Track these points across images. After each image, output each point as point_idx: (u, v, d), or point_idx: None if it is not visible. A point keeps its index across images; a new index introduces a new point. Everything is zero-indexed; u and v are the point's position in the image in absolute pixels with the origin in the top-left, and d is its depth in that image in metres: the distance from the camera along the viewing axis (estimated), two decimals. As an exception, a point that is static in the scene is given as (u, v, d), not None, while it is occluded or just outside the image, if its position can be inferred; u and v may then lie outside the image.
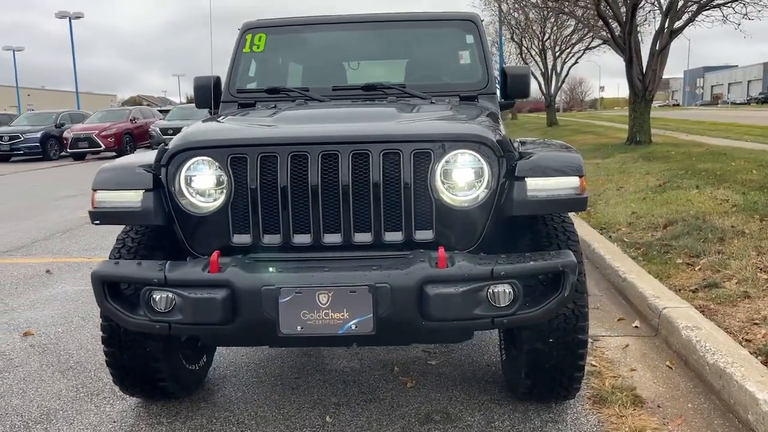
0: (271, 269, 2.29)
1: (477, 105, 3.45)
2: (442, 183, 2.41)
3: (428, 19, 3.98)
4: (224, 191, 2.43)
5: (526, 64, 31.73)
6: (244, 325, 2.26)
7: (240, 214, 2.44)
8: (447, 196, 2.41)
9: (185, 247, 2.51)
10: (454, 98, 3.61)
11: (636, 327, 3.83)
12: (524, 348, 2.60)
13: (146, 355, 2.68)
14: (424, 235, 2.43)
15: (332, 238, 2.43)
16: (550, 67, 29.37)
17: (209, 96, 3.87)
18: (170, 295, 2.27)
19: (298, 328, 2.22)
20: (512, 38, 30.40)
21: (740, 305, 3.67)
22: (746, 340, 3.18)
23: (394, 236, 2.42)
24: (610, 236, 5.78)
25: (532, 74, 31.74)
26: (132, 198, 2.50)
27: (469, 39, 3.90)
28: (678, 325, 3.39)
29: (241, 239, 2.45)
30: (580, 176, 2.49)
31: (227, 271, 2.26)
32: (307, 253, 2.44)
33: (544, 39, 28.77)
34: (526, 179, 2.45)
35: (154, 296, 2.32)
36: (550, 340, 2.54)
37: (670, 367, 3.22)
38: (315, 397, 2.98)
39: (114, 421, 2.80)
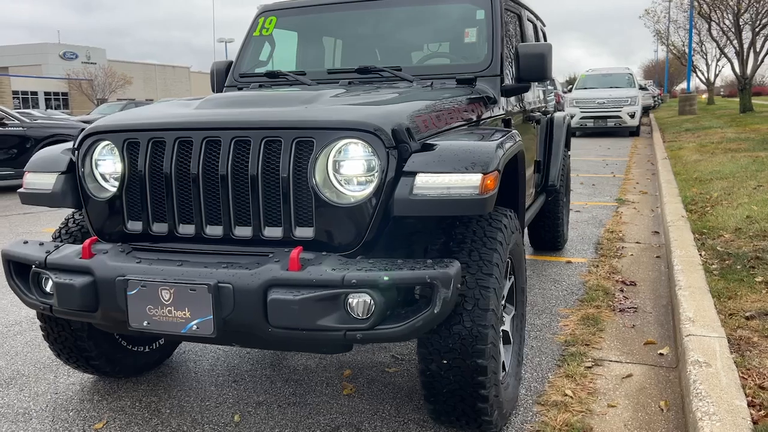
0: (131, 260, 2.22)
1: (461, 87, 3.11)
2: (323, 175, 2.16)
3: None
4: (120, 176, 2.40)
5: (716, 41, 28.21)
6: (104, 315, 2.23)
7: (133, 201, 2.40)
8: (328, 191, 2.16)
9: (92, 233, 2.53)
10: (449, 81, 3.27)
11: (660, 355, 3.20)
12: (420, 368, 2.27)
13: (72, 333, 2.77)
14: (304, 232, 2.20)
15: (213, 230, 2.30)
16: (746, 45, 25.67)
17: (221, 81, 3.93)
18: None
19: (145, 323, 2.13)
20: (700, 13, 27.07)
21: (792, 341, 2.90)
22: (761, 388, 2.50)
23: (273, 232, 2.23)
24: (703, 243, 4.92)
25: (725, 55, 28.12)
26: (47, 180, 2.57)
27: (480, 15, 3.49)
28: (687, 359, 2.76)
29: (134, 226, 2.41)
30: (485, 173, 2.08)
31: (94, 258, 2.24)
32: (193, 245, 2.33)
33: (740, 12, 25.21)
34: (416, 175, 2.11)
35: (43, 277, 2.38)
36: (444, 361, 2.18)
37: (662, 409, 2.64)
38: (245, 394, 2.87)
39: (56, 393, 2.94)
